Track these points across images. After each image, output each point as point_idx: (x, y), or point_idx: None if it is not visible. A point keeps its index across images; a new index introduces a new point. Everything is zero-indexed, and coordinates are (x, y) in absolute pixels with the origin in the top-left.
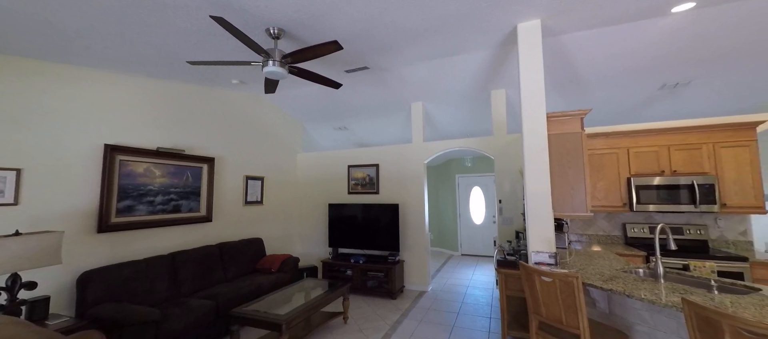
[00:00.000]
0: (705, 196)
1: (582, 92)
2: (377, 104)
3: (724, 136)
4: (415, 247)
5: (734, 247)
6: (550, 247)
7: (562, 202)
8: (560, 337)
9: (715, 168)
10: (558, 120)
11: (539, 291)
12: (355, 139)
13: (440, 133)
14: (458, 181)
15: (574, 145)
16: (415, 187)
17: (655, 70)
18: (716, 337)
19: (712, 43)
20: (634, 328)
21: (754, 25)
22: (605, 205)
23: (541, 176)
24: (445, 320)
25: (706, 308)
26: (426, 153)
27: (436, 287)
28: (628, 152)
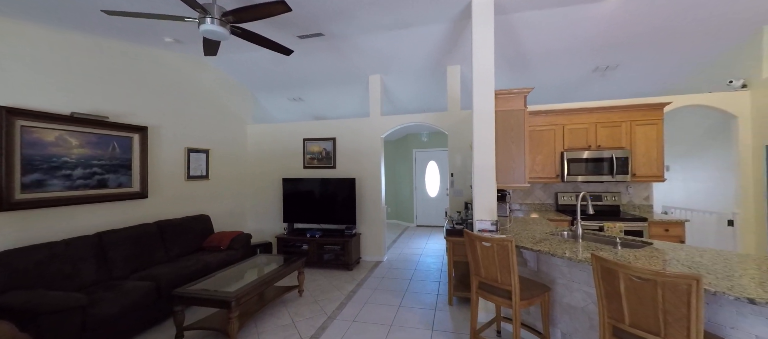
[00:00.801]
0: (620, 168)
1: (528, 71)
2: (334, 75)
3: (639, 116)
4: (371, 220)
5: (639, 211)
6: (493, 215)
7: (504, 174)
8: (496, 293)
9: (630, 143)
10: (504, 97)
11: (480, 255)
12: (311, 111)
13: (398, 108)
14: (415, 155)
15: (517, 122)
16: (372, 161)
17: (589, 54)
18: (614, 283)
19: (635, 30)
20: (557, 281)
21: (665, 18)
22: (542, 176)
23: (488, 150)
24: (398, 287)
25: (608, 260)
26: (383, 127)
27: (391, 257)
28: (563, 129)
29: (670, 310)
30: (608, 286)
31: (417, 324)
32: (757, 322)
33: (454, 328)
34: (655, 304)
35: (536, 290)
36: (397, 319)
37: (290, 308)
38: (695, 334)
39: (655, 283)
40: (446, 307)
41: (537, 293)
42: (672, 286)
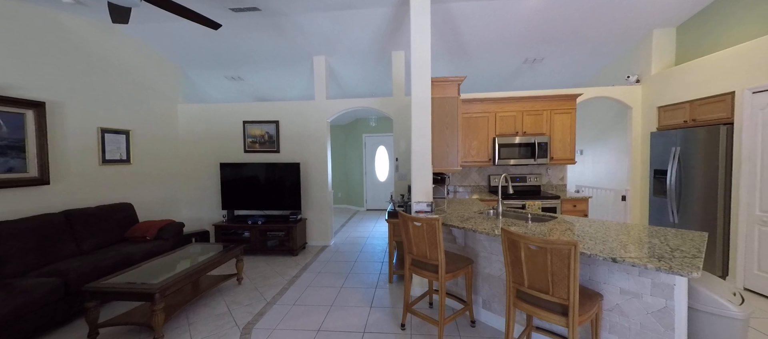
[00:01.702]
0: (541, 152)
1: (468, 61)
2: (277, 54)
3: (557, 105)
4: (317, 205)
5: (555, 190)
6: (428, 197)
7: (440, 158)
8: (426, 268)
9: (550, 130)
10: (440, 84)
11: (411, 234)
12: (253, 92)
13: (346, 92)
14: (365, 140)
15: (451, 108)
16: (318, 145)
17: (520, 46)
18: (517, 253)
19: (555, 29)
20: (479, 254)
21: (577, 20)
22: (477, 160)
23: (424, 135)
24: (342, 269)
25: (512, 233)
26: (329, 111)
27: (338, 241)
28: (495, 116)
29: (556, 272)
30: (513, 255)
31: (358, 302)
32: (621, 278)
33: (391, 304)
34: (546, 268)
35: (461, 263)
36: (338, 300)
37: (228, 297)
38: (573, 289)
39: (545, 250)
40: (386, 285)
41: (461, 266)
42: (557, 251)
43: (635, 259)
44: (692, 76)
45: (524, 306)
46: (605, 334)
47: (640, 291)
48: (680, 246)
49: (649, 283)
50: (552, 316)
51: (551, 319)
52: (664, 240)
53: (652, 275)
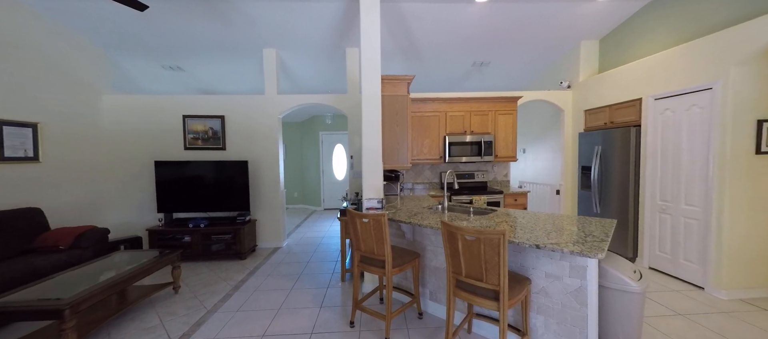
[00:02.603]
0: (487, 150)
1: (421, 62)
2: (221, 45)
3: (500, 106)
4: (269, 205)
5: (500, 185)
6: (379, 193)
7: (390, 155)
8: (374, 264)
9: (494, 129)
10: (390, 82)
11: (359, 230)
12: (196, 84)
13: (300, 88)
14: (322, 138)
15: (401, 106)
16: (269, 142)
17: (469, 49)
18: (455, 244)
19: (498, 35)
20: (427, 248)
21: (516, 29)
22: (429, 158)
23: (375, 133)
24: (293, 271)
25: (450, 225)
26: (281, 106)
27: (292, 242)
28: (445, 116)
29: (488, 260)
30: (452, 247)
31: (307, 303)
32: (547, 263)
33: (342, 303)
34: (480, 256)
35: (408, 257)
36: (287, 302)
37: (162, 308)
38: (503, 275)
39: (479, 240)
40: (339, 284)
41: (408, 260)
42: (489, 241)
43: (554, 245)
44: (610, 83)
45: (463, 294)
46: (533, 315)
47: (561, 274)
48: (593, 232)
49: (567, 266)
50: (486, 301)
51: (485, 304)
52: (581, 227)
53: (569, 259)
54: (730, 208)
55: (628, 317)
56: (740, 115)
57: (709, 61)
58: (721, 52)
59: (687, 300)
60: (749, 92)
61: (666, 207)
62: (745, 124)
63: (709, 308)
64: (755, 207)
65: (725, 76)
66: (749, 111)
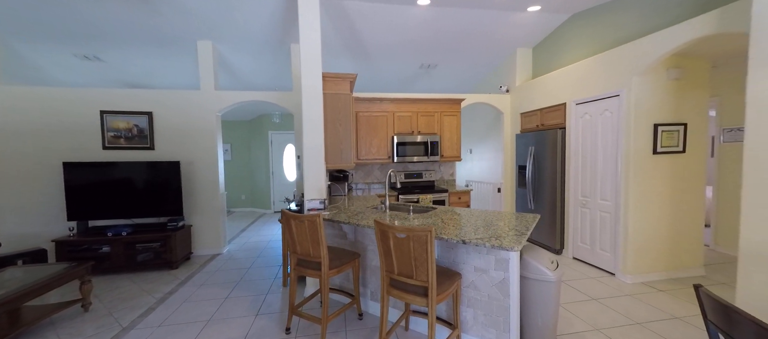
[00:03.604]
0: (433, 150)
1: (370, 62)
2: (149, 34)
3: (445, 108)
4: (206, 210)
5: (446, 184)
6: (321, 194)
7: (334, 155)
8: (310, 267)
9: (440, 130)
10: (332, 80)
11: (295, 232)
12: (118, 77)
13: (244, 84)
14: (272, 137)
15: (344, 105)
16: (207, 141)
17: (417, 51)
18: (387, 242)
19: (443, 39)
20: (368, 247)
21: (458, 33)
22: (377, 158)
23: (316, 131)
24: (232, 278)
25: (383, 224)
26: (219, 103)
27: (234, 248)
28: (393, 116)
29: (418, 257)
30: (384, 245)
31: (243, 312)
32: (476, 257)
33: (281, 309)
34: (410, 254)
35: (347, 258)
36: (219, 313)
37: (65, 329)
38: (432, 271)
39: (409, 238)
40: (280, 289)
41: (348, 260)
42: (417, 238)
43: (479, 240)
44: (541, 88)
45: (396, 293)
46: (464, 308)
47: (488, 267)
48: (516, 226)
49: (493, 259)
50: (417, 298)
51: (416, 301)
52: (508, 222)
53: (495, 253)
54: (633, 202)
55: (546, 304)
56: (640, 120)
57: (617, 71)
58: (626, 63)
59: (600, 286)
60: (647, 99)
61: (586, 202)
62: (644, 127)
63: (617, 292)
64: (652, 201)
65: (629, 84)
66: (647, 116)
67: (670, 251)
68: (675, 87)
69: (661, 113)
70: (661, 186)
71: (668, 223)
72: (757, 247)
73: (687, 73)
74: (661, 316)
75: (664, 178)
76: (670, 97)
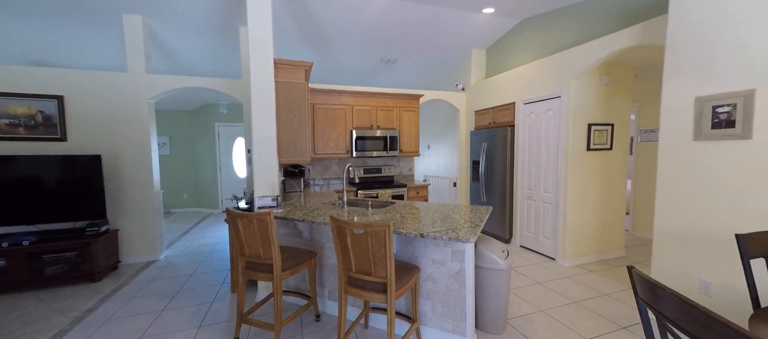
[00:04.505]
0: (393, 145)
1: (330, 54)
2: (60, 3)
3: (404, 103)
4: (138, 211)
5: (405, 179)
6: (274, 190)
7: (288, 148)
8: (261, 269)
9: (399, 125)
10: (286, 67)
11: (242, 233)
12: (18, 52)
13: (187, 70)
14: (218, 130)
15: (299, 95)
16: (137, 132)
17: (377, 44)
18: (344, 239)
19: (404, 34)
20: (325, 245)
21: (416, 31)
22: (336, 152)
23: (267, 122)
24: (170, 287)
25: (338, 220)
26: (152, 88)
27: (174, 253)
28: (352, 109)
29: (376, 252)
30: (341, 242)
31: (183, 325)
32: (434, 250)
33: (228, 318)
34: (368, 250)
35: (302, 257)
36: (152, 329)
37: None
38: (390, 266)
39: (367, 234)
40: (228, 296)
41: (303, 260)
42: (375, 233)
43: (436, 233)
44: (493, 88)
45: (354, 291)
46: (422, 301)
47: (445, 259)
48: (471, 219)
49: (450, 251)
50: (375, 295)
51: (375, 298)
52: (463, 215)
53: (451, 245)
54: (571, 194)
55: (498, 291)
56: (577, 120)
57: (559, 75)
58: (566, 68)
59: (543, 270)
60: (583, 101)
61: (532, 194)
62: (580, 126)
63: (557, 275)
64: (586, 193)
65: (568, 87)
66: (583, 116)
67: (599, 236)
68: (605, 91)
69: (594, 114)
70: (593, 179)
71: (598, 212)
72: (667, 232)
73: (615, 79)
74: (592, 294)
75: (595, 172)
76: (601, 100)
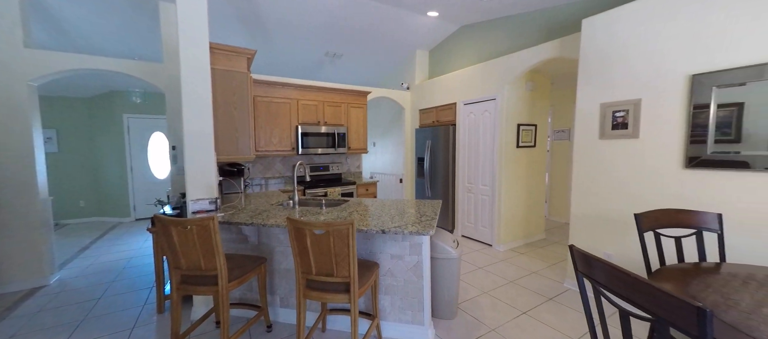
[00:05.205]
0: (341, 142)
1: (270, 41)
2: None
3: (352, 99)
4: (17, 224)
5: (353, 176)
6: (212, 192)
7: (228, 144)
8: (202, 282)
9: (347, 122)
10: (223, 53)
11: (177, 242)
12: None
13: (86, 49)
14: (128, 123)
15: (240, 85)
16: (12, 123)
17: (321, 37)
18: (303, 240)
19: (349, 30)
20: (276, 250)
21: (362, 30)
22: (280, 149)
23: (203, 115)
24: (69, 317)
25: (296, 221)
26: (34, 68)
27: (71, 274)
28: (297, 104)
29: (339, 252)
30: (300, 244)
31: None
32: (392, 245)
33: None
34: (330, 250)
35: (251, 265)
36: None
37: None
38: (353, 265)
39: (329, 233)
40: (154, 318)
41: (252, 268)
42: (338, 232)
43: (397, 228)
44: (436, 88)
45: (314, 294)
46: (382, 296)
47: (403, 253)
48: (426, 212)
49: (408, 245)
50: (338, 296)
51: (337, 299)
52: (417, 209)
53: (409, 238)
54: (504, 186)
55: (451, 279)
56: (509, 120)
57: (494, 79)
58: (500, 73)
59: (483, 256)
60: (513, 104)
61: (471, 187)
62: (511, 126)
63: (494, 259)
64: (516, 185)
65: (502, 91)
66: (514, 117)
67: (526, 223)
68: (530, 96)
69: (522, 116)
70: (521, 173)
71: (525, 201)
72: (581, 215)
73: (537, 86)
74: (524, 274)
75: (522, 166)
76: (527, 104)
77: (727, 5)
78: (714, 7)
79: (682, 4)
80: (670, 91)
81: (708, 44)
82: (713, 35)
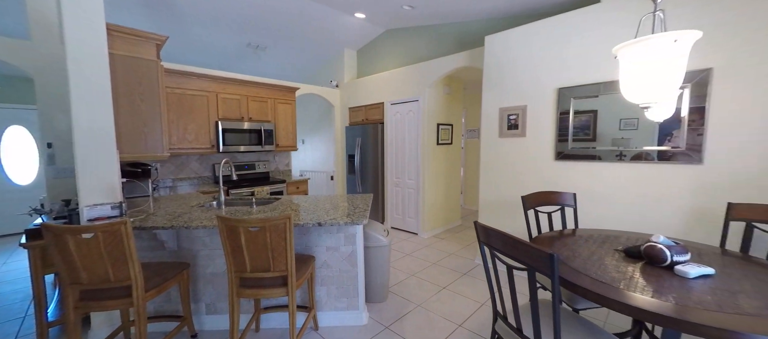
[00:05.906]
0: (268, 139)
1: (181, 24)
2: None
3: (280, 95)
4: None
5: (282, 175)
6: (115, 196)
7: (133, 141)
8: (109, 296)
9: (275, 118)
10: (126, 38)
11: (76, 253)
12: None
13: None
14: None
15: (148, 75)
16: None
17: (243, 27)
18: (236, 239)
19: (278, 22)
20: (200, 253)
21: (289, 23)
22: (196, 147)
23: (100, 107)
24: None
25: (229, 219)
26: None
27: None
28: (217, 97)
29: (276, 247)
30: (233, 243)
31: None
32: (328, 238)
33: None
34: (266, 246)
35: (170, 272)
36: None
37: None
38: (290, 258)
39: (265, 229)
40: None
41: (171, 275)
42: (274, 228)
43: (332, 220)
44: (365, 88)
45: (249, 292)
46: (318, 288)
47: (338, 244)
48: (358, 205)
49: (343, 236)
50: (275, 290)
51: (274, 293)
52: (350, 203)
53: (344, 230)
54: (427, 180)
55: (382, 266)
56: (430, 120)
57: (417, 82)
58: (422, 77)
59: (410, 244)
60: (433, 105)
61: (399, 182)
62: (432, 125)
63: (420, 246)
64: (437, 178)
65: (423, 93)
66: (434, 118)
67: (445, 211)
68: (447, 99)
69: (440, 116)
70: (441, 167)
71: (444, 192)
72: (487, 201)
73: (453, 90)
74: (444, 256)
75: (442, 161)
76: (445, 106)
77: (583, 35)
78: (573, 36)
79: (551, 32)
80: (545, 99)
81: (570, 64)
82: (574, 57)
